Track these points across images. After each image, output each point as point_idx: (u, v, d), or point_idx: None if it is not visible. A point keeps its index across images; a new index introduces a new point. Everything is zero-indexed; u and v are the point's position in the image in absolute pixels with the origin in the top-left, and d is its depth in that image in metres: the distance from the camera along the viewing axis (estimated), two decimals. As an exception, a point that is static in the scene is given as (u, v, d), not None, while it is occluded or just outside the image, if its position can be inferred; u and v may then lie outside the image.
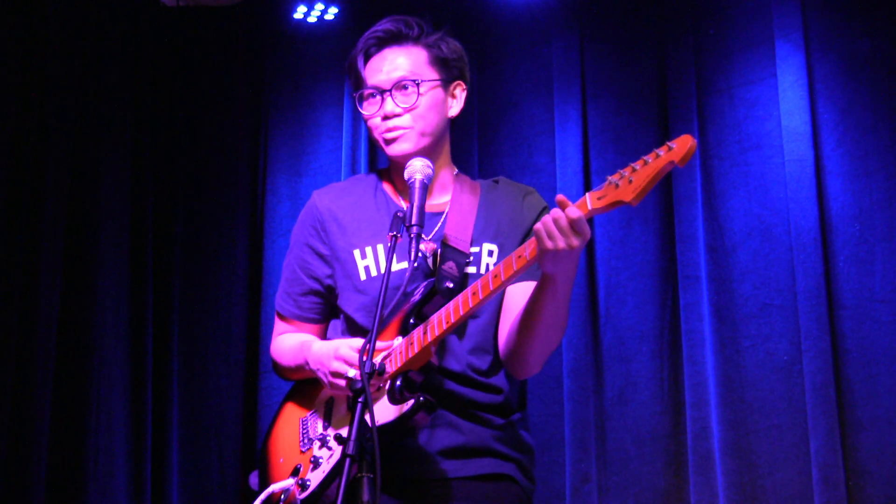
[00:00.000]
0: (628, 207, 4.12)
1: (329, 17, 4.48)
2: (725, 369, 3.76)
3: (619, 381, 3.91)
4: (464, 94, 2.45)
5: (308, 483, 2.23)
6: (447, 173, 2.46)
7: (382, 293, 2.04)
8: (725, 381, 3.76)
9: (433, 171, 2.29)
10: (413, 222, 2.14)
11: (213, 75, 4.63)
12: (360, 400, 1.93)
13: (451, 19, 4.20)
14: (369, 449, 1.90)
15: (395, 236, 2.15)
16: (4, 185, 3.93)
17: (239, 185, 4.49)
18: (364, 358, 1.96)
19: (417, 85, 2.36)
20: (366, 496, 1.89)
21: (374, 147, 4.35)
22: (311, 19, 4.49)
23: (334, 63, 4.47)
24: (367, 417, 1.89)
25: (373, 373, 1.97)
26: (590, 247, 3.99)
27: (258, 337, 4.35)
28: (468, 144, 4.16)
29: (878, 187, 3.70)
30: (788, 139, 3.78)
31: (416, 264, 2.14)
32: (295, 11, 4.48)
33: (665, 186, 3.95)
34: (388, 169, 2.49)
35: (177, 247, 4.44)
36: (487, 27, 4.29)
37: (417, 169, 2.26)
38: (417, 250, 2.12)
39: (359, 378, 1.95)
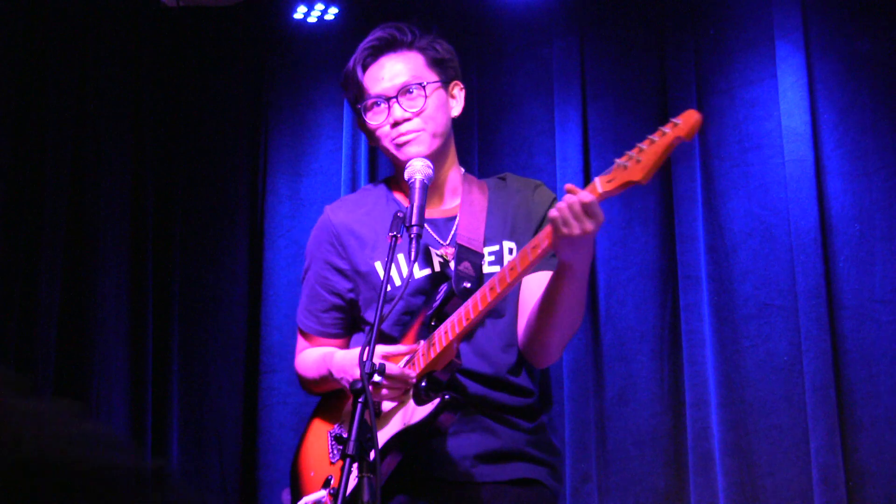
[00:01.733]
0: (629, 207, 4.12)
1: (329, 17, 4.48)
2: (725, 370, 3.76)
3: (619, 381, 3.91)
4: (462, 94, 2.45)
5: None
6: (457, 175, 2.46)
7: (381, 294, 2.04)
8: (725, 381, 3.75)
9: (433, 171, 2.28)
10: (413, 222, 2.13)
11: (213, 75, 4.63)
12: (360, 400, 1.93)
13: (451, 19, 4.20)
14: (369, 449, 1.90)
15: (396, 236, 2.14)
16: (4, 185, 3.93)
17: (239, 185, 4.49)
18: (364, 358, 1.96)
19: (423, 87, 2.35)
20: (366, 496, 1.89)
21: (374, 147, 4.34)
22: (311, 19, 4.49)
23: (334, 63, 4.46)
24: (368, 417, 1.89)
25: (372, 373, 1.97)
26: (590, 247, 3.98)
27: (258, 337, 4.35)
28: (468, 144, 4.16)
29: (878, 187, 3.70)
30: (788, 139, 3.78)
31: (416, 264, 2.14)
32: (295, 12, 4.48)
33: (665, 187, 3.95)
34: (395, 177, 2.48)
35: (177, 247, 4.44)
36: (487, 27, 4.29)
37: (417, 169, 2.25)
38: (417, 251, 2.12)
39: (364, 380, 1.95)
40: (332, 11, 4.47)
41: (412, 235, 2.12)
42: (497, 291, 2.10)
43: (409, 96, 2.35)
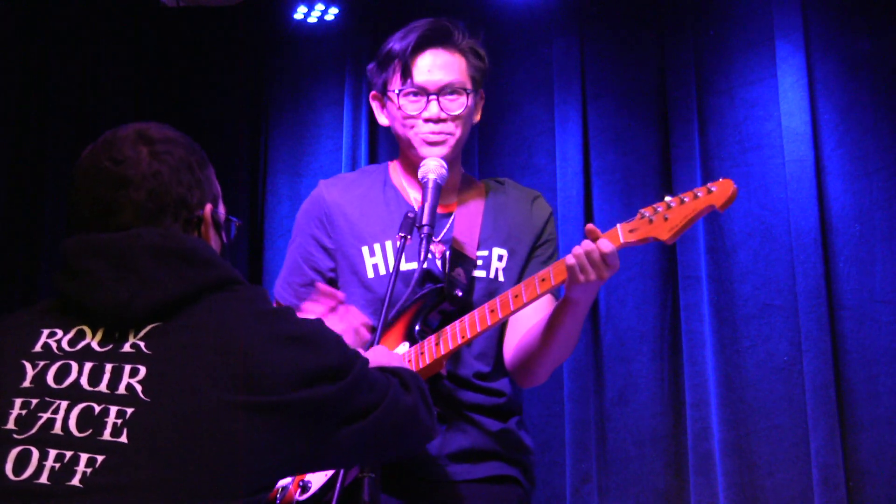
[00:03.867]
0: (629, 208, 4.11)
1: (329, 17, 4.48)
2: (726, 370, 3.76)
3: (619, 381, 3.90)
4: (482, 102, 2.45)
5: (309, 485, 2.21)
6: (458, 175, 2.45)
7: (388, 295, 2.04)
8: (726, 381, 3.75)
9: (448, 172, 2.28)
10: (424, 222, 2.14)
11: (214, 76, 4.63)
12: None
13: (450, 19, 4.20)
14: None
15: (405, 237, 2.14)
16: (4, 185, 3.93)
17: (239, 186, 4.49)
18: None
19: (467, 94, 2.34)
20: (366, 496, 1.89)
21: (374, 147, 4.34)
22: (312, 20, 4.49)
23: (334, 63, 4.47)
24: None
25: None
26: (590, 247, 3.98)
27: (258, 337, 4.34)
28: (468, 144, 4.13)
29: (878, 187, 3.70)
30: (789, 140, 3.78)
31: (424, 265, 2.14)
32: (295, 12, 4.48)
33: (665, 187, 3.95)
34: (395, 163, 2.46)
35: (177, 247, 4.43)
36: (487, 27, 4.23)
37: (431, 168, 2.24)
38: (427, 251, 2.12)
39: None
40: (333, 12, 4.47)
41: (422, 235, 2.13)
42: (498, 316, 2.11)
43: (449, 97, 2.32)
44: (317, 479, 2.22)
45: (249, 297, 1.57)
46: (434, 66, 2.34)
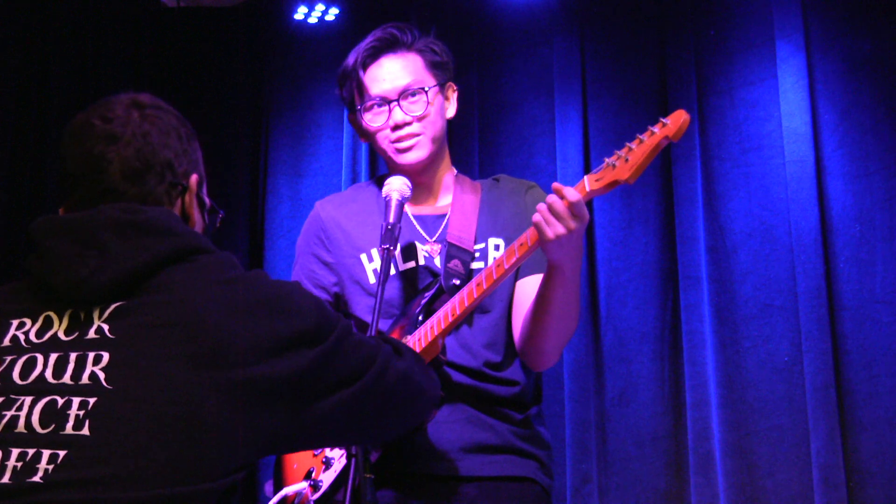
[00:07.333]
0: (630, 208, 4.11)
1: (330, 17, 4.48)
2: (726, 370, 3.76)
3: (619, 381, 3.91)
4: (456, 95, 2.46)
5: (320, 484, 2.22)
6: (448, 175, 2.47)
7: (378, 302, 2.06)
8: (726, 381, 3.75)
9: (412, 192, 2.30)
10: (385, 242, 2.16)
11: (214, 76, 4.63)
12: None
13: (451, 19, 4.20)
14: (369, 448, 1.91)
15: (389, 249, 2.17)
16: (5, 185, 3.93)
17: (239, 186, 4.49)
18: None
19: (426, 92, 2.35)
20: (368, 496, 1.89)
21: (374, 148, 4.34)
22: (312, 20, 4.49)
23: (335, 64, 4.40)
24: None
25: None
26: (590, 248, 3.99)
27: (258, 337, 4.33)
28: (468, 145, 4.16)
29: (878, 188, 3.70)
30: (789, 140, 3.78)
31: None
32: (295, 12, 4.48)
33: (666, 188, 3.95)
34: (388, 175, 2.49)
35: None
36: (487, 27, 4.29)
37: (395, 188, 2.26)
38: (388, 268, 2.15)
39: None
40: (333, 12, 4.47)
41: (383, 254, 2.15)
42: (483, 288, 2.11)
43: (409, 99, 2.35)
44: (327, 478, 2.23)
45: (211, 264, 1.52)
46: (388, 72, 2.37)
